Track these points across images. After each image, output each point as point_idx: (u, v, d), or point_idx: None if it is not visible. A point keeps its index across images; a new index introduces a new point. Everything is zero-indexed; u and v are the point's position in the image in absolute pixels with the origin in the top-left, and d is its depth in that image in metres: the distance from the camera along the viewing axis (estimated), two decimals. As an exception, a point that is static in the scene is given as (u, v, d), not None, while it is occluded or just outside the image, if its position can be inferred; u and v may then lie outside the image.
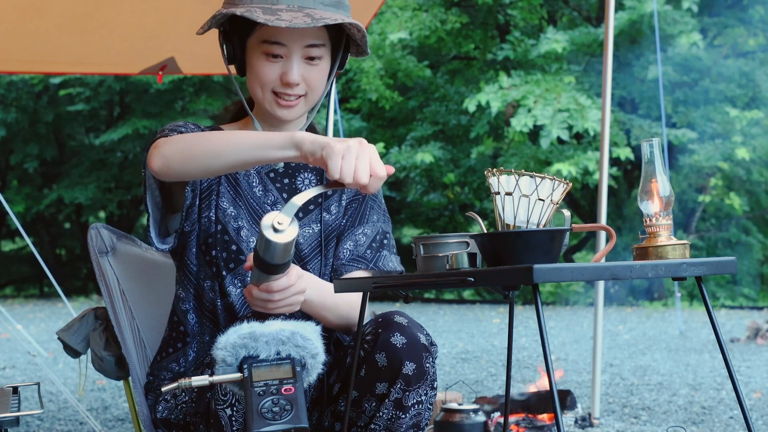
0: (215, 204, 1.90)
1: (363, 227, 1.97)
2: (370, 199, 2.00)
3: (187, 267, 1.92)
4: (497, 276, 1.51)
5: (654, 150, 1.74)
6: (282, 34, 1.81)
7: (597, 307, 3.97)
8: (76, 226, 19.08)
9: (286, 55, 1.82)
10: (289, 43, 1.82)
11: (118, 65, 4.31)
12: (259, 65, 1.83)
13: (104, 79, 15.72)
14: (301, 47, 1.82)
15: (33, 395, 4.47)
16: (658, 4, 12.11)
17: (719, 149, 13.19)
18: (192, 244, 1.90)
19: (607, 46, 3.93)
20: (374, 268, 1.94)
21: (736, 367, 6.12)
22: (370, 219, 1.98)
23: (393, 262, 1.97)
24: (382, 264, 1.95)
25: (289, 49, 1.82)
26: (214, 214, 1.89)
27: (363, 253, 1.94)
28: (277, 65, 1.83)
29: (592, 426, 3.94)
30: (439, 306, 13.60)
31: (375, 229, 1.98)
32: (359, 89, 14.36)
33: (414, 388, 1.73)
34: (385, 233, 1.99)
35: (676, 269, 1.59)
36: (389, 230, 2.02)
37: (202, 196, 1.90)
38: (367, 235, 1.96)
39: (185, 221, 1.88)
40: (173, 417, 1.87)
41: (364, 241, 1.95)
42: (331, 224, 1.95)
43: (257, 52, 1.83)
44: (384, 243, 1.98)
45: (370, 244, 1.95)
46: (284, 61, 1.83)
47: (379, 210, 2.01)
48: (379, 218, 2.00)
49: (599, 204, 3.91)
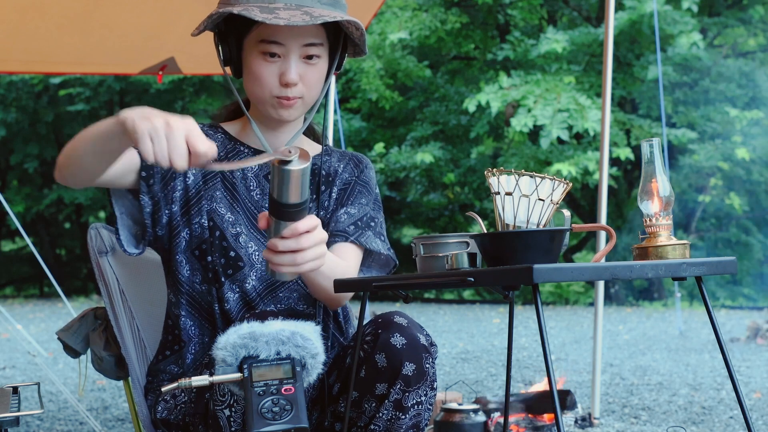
0: (210, 209, 1.87)
1: (347, 207, 1.93)
2: (358, 184, 1.97)
3: (175, 272, 1.89)
4: (497, 276, 1.50)
5: (654, 150, 1.74)
6: (280, 33, 1.79)
7: (597, 307, 3.97)
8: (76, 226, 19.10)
9: (284, 54, 1.81)
10: (286, 42, 1.80)
11: (118, 65, 4.30)
12: (257, 65, 1.81)
13: (104, 79, 15.73)
14: (299, 46, 1.81)
15: (33, 395, 4.47)
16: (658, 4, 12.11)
17: (719, 149, 13.20)
18: (178, 250, 1.87)
19: (607, 46, 3.93)
20: (356, 242, 1.87)
21: (736, 367, 6.12)
22: (356, 201, 1.94)
23: (378, 244, 1.91)
24: (365, 241, 1.88)
25: (287, 49, 1.80)
26: (209, 220, 1.87)
27: (344, 228, 1.89)
28: (274, 65, 1.81)
29: (592, 426, 3.94)
30: (439, 306, 13.60)
31: (362, 210, 1.93)
32: (359, 89, 14.36)
33: (414, 388, 1.73)
34: (373, 218, 1.94)
35: (676, 269, 1.59)
36: (379, 218, 1.96)
37: (190, 202, 1.87)
38: (350, 213, 1.92)
39: (155, 226, 1.85)
40: (172, 417, 1.86)
41: (345, 219, 1.91)
42: (325, 220, 1.93)
43: (254, 52, 1.82)
44: (371, 225, 1.92)
45: (355, 222, 1.90)
46: (282, 61, 1.81)
47: (368, 195, 1.97)
48: (368, 203, 1.96)
49: (599, 204, 3.91)
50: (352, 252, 1.88)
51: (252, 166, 1.85)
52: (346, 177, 1.97)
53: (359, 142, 14.91)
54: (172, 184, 1.85)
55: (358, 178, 1.97)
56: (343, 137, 6.80)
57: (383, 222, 1.98)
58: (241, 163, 1.47)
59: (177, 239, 1.87)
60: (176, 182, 1.86)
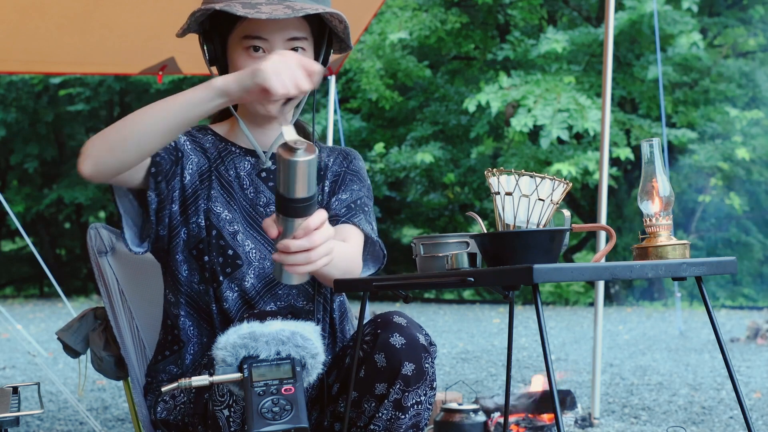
0: (206, 208, 1.87)
1: (338, 194, 1.94)
2: (348, 173, 1.98)
3: (174, 272, 1.89)
4: (497, 276, 1.50)
5: (654, 150, 1.74)
6: (263, 28, 1.81)
7: (597, 307, 3.97)
8: (76, 226, 19.10)
9: (268, 49, 1.82)
10: (270, 36, 1.81)
11: (118, 65, 4.30)
12: (241, 61, 1.82)
13: (104, 79, 15.74)
14: (283, 40, 1.82)
15: (33, 395, 4.47)
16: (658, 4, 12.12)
17: (719, 149, 13.20)
18: (176, 250, 1.88)
19: (607, 46, 3.93)
20: (347, 222, 1.88)
21: (736, 367, 6.12)
22: (348, 188, 1.95)
23: (368, 228, 1.91)
24: (358, 221, 1.89)
25: (271, 43, 1.82)
26: (206, 220, 1.87)
27: (337, 211, 1.90)
28: (259, 60, 1.82)
29: (592, 426, 3.94)
30: (439, 306, 13.60)
31: (354, 195, 1.94)
32: (359, 89, 14.36)
33: (413, 388, 1.73)
34: (366, 204, 1.95)
35: (676, 269, 1.59)
36: (371, 205, 1.97)
37: (187, 202, 1.87)
38: (341, 199, 1.93)
39: (158, 225, 1.86)
40: (172, 418, 1.86)
41: (337, 204, 1.91)
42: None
43: (239, 48, 1.83)
44: (364, 210, 1.93)
45: (348, 205, 1.91)
46: (266, 56, 1.82)
47: (360, 183, 1.97)
48: (360, 189, 1.96)
49: (599, 204, 3.91)
50: (353, 233, 1.88)
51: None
52: (336, 169, 1.98)
53: (359, 142, 14.91)
54: (172, 183, 1.86)
55: (348, 168, 1.99)
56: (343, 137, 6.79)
57: (373, 212, 1.99)
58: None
59: (176, 239, 1.88)
60: (175, 181, 1.86)
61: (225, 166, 1.91)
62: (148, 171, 1.82)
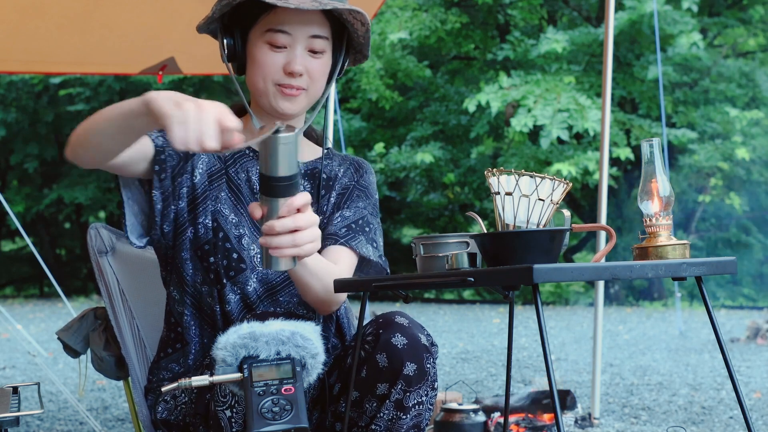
0: (214, 210, 1.87)
1: (342, 210, 1.93)
2: (357, 188, 1.97)
3: (180, 271, 1.89)
4: (497, 276, 1.50)
5: (654, 150, 1.74)
6: (287, 22, 1.81)
7: (597, 307, 3.97)
8: (76, 226, 19.09)
9: (290, 45, 1.82)
10: (293, 31, 1.81)
11: (118, 65, 4.30)
12: (262, 55, 1.82)
13: (104, 79, 15.72)
14: (306, 37, 1.82)
15: (33, 395, 4.47)
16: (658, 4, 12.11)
17: (719, 149, 13.20)
18: (183, 248, 1.87)
19: (607, 46, 3.93)
20: (346, 245, 1.87)
21: (736, 367, 6.12)
22: (353, 204, 1.94)
23: (369, 250, 1.90)
24: (356, 245, 1.87)
25: (294, 39, 1.81)
26: (213, 221, 1.87)
27: (336, 231, 1.89)
28: (280, 55, 1.82)
29: (592, 426, 3.94)
30: (439, 306, 13.60)
31: (358, 214, 1.93)
32: (359, 89, 14.36)
33: (415, 388, 1.73)
34: (369, 222, 1.93)
35: (676, 269, 1.59)
36: (375, 223, 1.95)
37: (197, 201, 1.87)
38: (344, 216, 1.91)
39: (163, 222, 1.85)
40: (173, 418, 1.86)
41: (339, 222, 1.90)
42: (322, 225, 1.92)
43: (260, 42, 1.82)
44: (365, 230, 1.91)
45: (348, 225, 1.90)
46: (288, 51, 1.82)
47: (366, 199, 1.96)
48: (366, 206, 1.95)
49: (599, 204, 3.91)
50: (346, 255, 1.87)
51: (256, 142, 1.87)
52: (345, 182, 1.97)
53: (359, 142, 14.91)
54: (179, 179, 1.85)
55: (357, 183, 1.97)
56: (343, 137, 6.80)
57: (379, 229, 1.97)
58: (251, 141, 1.47)
59: (182, 237, 1.87)
60: (184, 178, 1.86)
61: (236, 169, 1.91)
62: (151, 167, 1.82)
